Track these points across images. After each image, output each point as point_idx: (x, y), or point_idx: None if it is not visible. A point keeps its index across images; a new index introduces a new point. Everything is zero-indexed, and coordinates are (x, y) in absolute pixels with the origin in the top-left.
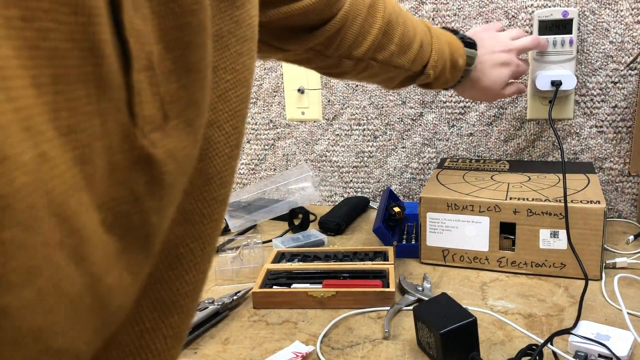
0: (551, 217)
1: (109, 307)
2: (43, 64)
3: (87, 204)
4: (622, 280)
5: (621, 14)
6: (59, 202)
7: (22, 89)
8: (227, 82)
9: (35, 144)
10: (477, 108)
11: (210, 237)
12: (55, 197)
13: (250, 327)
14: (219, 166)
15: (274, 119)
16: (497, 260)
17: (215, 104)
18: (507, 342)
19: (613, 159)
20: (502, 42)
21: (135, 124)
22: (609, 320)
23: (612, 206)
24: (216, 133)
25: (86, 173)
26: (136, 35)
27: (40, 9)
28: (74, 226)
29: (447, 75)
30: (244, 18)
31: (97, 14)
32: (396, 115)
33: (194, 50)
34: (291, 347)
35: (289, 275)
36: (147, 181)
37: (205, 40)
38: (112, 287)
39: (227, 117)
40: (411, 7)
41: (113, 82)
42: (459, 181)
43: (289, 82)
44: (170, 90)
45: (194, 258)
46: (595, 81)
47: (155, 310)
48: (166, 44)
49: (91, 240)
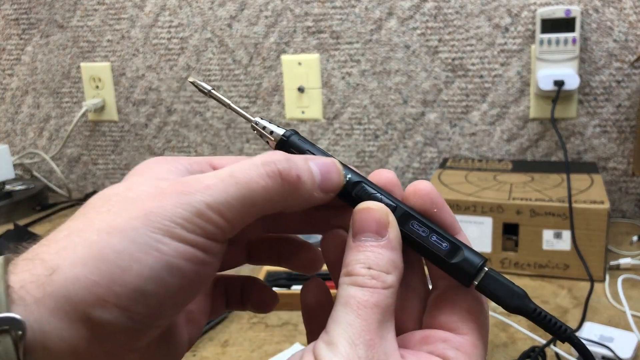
0: (555, 217)
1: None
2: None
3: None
4: (626, 281)
5: (625, 12)
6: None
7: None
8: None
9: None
10: (480, 107)
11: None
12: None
13: (249, 329)
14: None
15: (273, 118)
16: (500, 261)
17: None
18: (510, 344)
19: (617, 159)
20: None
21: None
22: (613, 322)
23: (615, 206)
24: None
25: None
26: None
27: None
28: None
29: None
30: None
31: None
32: (397, 115)
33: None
34: (291, 349)
35: (289, 276)
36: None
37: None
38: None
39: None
40: (413, 5)
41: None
42: (461, 181)
43: (289, 81)
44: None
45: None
46: (599, 80)
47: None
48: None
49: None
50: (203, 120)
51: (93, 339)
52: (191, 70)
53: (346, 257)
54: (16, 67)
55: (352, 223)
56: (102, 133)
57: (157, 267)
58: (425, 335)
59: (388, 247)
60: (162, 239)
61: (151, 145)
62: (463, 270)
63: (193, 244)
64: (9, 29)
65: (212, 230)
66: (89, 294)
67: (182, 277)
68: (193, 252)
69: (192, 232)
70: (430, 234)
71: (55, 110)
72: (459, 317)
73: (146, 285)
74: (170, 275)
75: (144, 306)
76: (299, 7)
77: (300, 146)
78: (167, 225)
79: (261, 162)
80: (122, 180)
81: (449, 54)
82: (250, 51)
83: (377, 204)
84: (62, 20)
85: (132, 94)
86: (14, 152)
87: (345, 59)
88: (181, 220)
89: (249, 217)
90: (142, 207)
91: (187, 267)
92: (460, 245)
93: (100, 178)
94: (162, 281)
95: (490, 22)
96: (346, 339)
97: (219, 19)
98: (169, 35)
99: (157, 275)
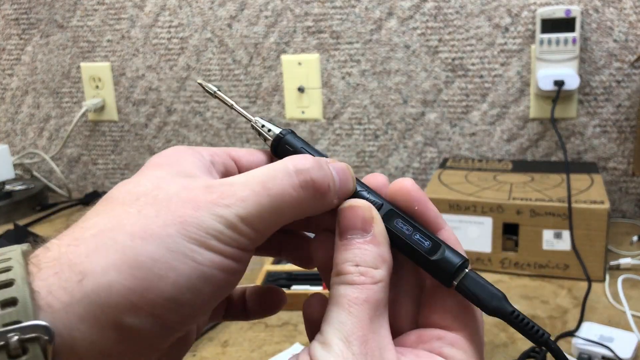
0: (555, 217)
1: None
2: None
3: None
4: (626, 281)
5: (625, 12)
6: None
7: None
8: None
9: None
10: (480, 107)
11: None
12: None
13: (249, 330)
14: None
15: (273, 118)
16: (500, 261)
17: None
18: (510, 345)
19: (617, 159)
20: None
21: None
22: (613, 322)
23: (615, 206)
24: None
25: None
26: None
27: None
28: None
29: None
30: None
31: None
32: (397, 115)
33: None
34: (291, 349)
35: (289, 276)
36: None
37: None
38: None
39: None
40: (413, 5)
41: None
42: (462, 181)
43: (289, 80)
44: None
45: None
46: (599, 80)
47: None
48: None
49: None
50: (203, 120)
51: (122, 341)
52: (191, 70)
53: (335, 257)
54: (16, 67)
55: (338, 222)
56: (102, 133)
57: (193, 277)
58: (420, 334)
59: (374, 243)
60: (197, 249)
61: (151, 145)
62: (442, 269)
63: (226, 254)
64: (9, 29)
65: (244, 242)
66: (122, 300)
67: (215, 285)
68: (226, 262)
69: (225, 243)
70: (414, 232)
71: (55, 110)
72: (450, 314)
73: (182, 294)
74: (204, 284)
75: (177, 314)
76: (299, 7)
77: (296, 145)
78: (202, 236)
79: (294, 170)
80: (142, 171)
81: (449, 54)
82: (250, 51)
83: (360, 201)
84: (62, 20)
85: (132, 94)
86: (14, 152)
87: (345, 59)
88: (215, 233)
89: (278, 226)
90: (177, 214)
91: (220, 276)
92: (442, 245)
93: (100, 178)
94: (196, 290)
95: (490, 22)
96: (340, 338)
97: (219, 19)
98: (169, 35)
99: (193, 284)
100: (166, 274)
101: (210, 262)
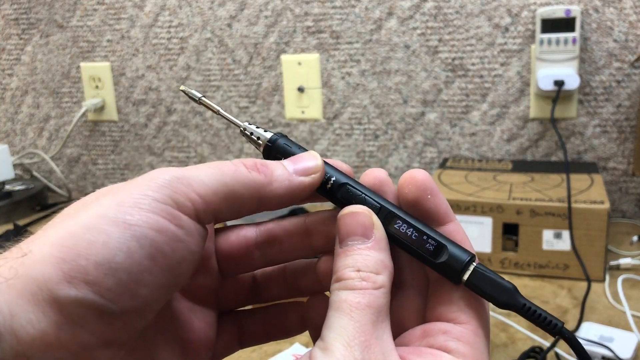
0: (554, 217)
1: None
2: None
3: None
4: (626, 281)
5: (625, 12)
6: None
7: None
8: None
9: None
10: (480, 107)
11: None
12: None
13: None
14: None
15: (273, 118)
16: (500, 261)
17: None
18: (510, 345)
19: (617, 159)
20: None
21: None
22: (613, 322)
23: (615, 206)
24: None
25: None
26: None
27: None
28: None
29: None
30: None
31: None
32: (397, 115)
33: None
34: (291, 349)
35: None
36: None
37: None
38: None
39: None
40: (413, 5)
41: None
42: (461, 181)
43: (289, 81)
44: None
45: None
46: (599, 80)
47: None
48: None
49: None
50: (203, 120)
51: (63, 325)
52: (191, 70)
53: (335, 263)
54: (16, 67)
55: (338, 229)
56: (101, 133)
57: (124, 237)
58: (426, 328)
59: (375, 248)
60: (130, 211)
61: (151, 145)
62: (449, 267)
63: (162, 214)
64: (9, 29)
65: (182, 201)
66: (54, 270)
67: (153, 248)
68: (163, 222)
69: (160, 201)
70: (415, 233)
71: (55, 110)
72: (456, 306)
73: (114, 256)
74: (139, 246)
75: (114, 279)
76: (299, 7)
77: (286, 149)
78: (136, 198)
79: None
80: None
81: (449, 54)
82: (250, 51)
83: (359, 207)
84: (62, 20)
85: (132, 94)
86: (13, 152)
87: (345, 58)
88: (150, 192)
89: (225, 201)
90: (113, 190)
91: (158, 238)
92: (446, 243)
93: (100, 178)
94: (130, 251)
95: (490, 22)
96: (341, 343)
97: (219, 18)
98: (169, 35)
99: (125, 245)
100: (96, 238)
101: (144, 222)
